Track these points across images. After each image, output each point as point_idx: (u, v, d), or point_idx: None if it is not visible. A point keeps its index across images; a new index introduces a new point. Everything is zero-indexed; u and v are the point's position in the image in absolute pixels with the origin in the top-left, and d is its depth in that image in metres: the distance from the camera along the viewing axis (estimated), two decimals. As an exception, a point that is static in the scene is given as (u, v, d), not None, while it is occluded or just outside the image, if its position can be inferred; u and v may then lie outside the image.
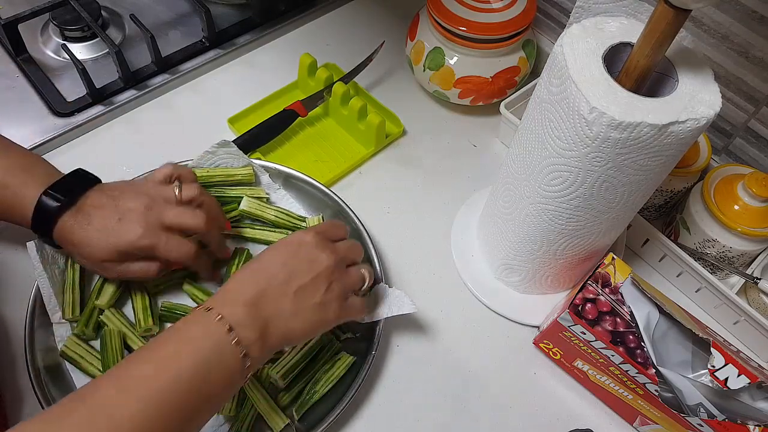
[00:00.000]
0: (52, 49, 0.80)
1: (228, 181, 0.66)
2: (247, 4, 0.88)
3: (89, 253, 0.53)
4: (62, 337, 0.57)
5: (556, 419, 0.59)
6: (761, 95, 0.64)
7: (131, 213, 0.53)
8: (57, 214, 0.52)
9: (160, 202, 0.54)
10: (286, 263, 0.49)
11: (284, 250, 0.50)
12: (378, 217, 0.69)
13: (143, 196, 0.54)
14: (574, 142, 0.46)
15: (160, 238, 0.53)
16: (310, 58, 0.77)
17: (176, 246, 0.54)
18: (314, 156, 0.75)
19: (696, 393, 0.50)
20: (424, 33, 0.76)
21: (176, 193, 0.55)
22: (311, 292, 0.49)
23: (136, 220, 0.53)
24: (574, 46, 0.47)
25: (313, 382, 0.57)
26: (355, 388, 0.55)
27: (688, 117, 0.43)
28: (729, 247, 0.62)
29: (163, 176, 0.57)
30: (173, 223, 0.54)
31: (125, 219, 0.53)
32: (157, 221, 0.53)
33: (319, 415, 0.54)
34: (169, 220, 0.54)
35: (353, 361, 0.58)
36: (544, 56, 0.82)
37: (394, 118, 0.78)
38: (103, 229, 0.52)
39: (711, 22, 0.64)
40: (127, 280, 0.58)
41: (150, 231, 0.53)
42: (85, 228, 0.52)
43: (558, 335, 0.56)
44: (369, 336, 0.59)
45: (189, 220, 0.54)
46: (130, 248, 0.53)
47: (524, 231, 0.58)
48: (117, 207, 0.53)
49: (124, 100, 0.76)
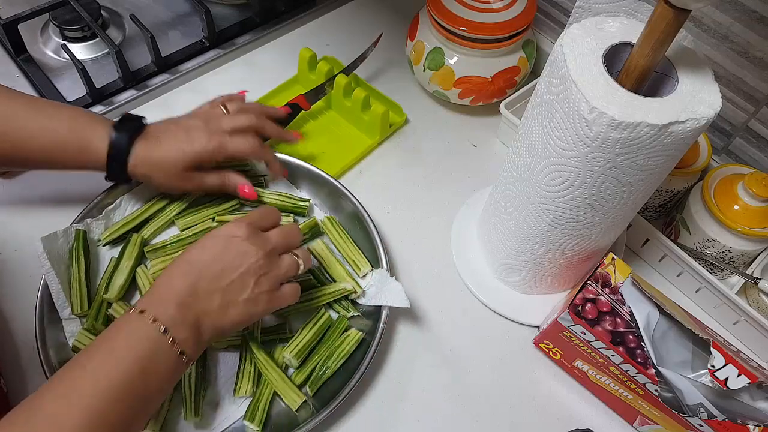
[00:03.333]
0: (52, 49, 0.80)
1: None
2: (247, 4, 0.88)
3: (168, 168, 0.59)
4: (72, 332, 0.57)
5: (556, 419, 0.59)
6: (761, 95, 0.64)
7: (194, 128, 0.60)
8: (130, 143, 0.58)
9: (215, 116, 0.63)
10: (216, 258, 0.49)
11: (215, 244, 0.50)
12: (378, 217, 0.69)
13: (199, 116, 0.63)
14: (574, 142, 0.46)
15: (225, 138, 0.61)
16: (309, 51, 0.77)
17: (242, 141, 0.62)
18: (320, 148, 0.75)
19: (696, 393, 0.50)
20: (424, 33, 0.76)
21: (224, 111, 0.64)
22: (240, 287, 0.49)
23: (201, 130, 0.60)
24: (574, 46, 0.47)
25: (325, 358, 0.58)
26: (365, 363, 0.56)
27: (688, 117, 0.43)
28: (729, 247, 0.62)
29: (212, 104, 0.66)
30: (231, 126, 0.62)
31: (191, 133, 0.60)
32: (217, 128, 0.61)
33: (331, 391, 0.55)
34: (227, 125, 0.62)
35: (362, 337, 0.59)
36: (544, 56, 0.82)
37: (397, 107, 0.78)
38: (175, 143, 0.59)
39: (711, 22, 0.64)
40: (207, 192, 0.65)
41: (215, 136, 0.60)
42: (159, 148, 0.59)
43: (558, 335, 0.57)
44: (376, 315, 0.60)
45: (243, 121, 0.63)
46: (203, 152, 0.60)
47: (524, 231, 0.58)
48: (180, 126, 0.61)
49: (124, 100, 0.76)
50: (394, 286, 0.59)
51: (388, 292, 0.59)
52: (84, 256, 0.60)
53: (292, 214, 0.67)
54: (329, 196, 0.68)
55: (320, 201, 0.69)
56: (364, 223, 0.65)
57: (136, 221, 0.64)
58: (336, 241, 0.65)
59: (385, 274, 0.61)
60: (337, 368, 0.57)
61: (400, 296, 0.58)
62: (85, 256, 0.60)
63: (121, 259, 0.61)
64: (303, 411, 0.56)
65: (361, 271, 0.63)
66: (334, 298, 0.61)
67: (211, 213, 0.65)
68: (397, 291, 0.58)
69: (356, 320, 0.62)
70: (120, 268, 0.60)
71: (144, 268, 0.61)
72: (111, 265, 0.61)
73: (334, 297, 0.61)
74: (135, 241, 0.62)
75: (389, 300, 0.58)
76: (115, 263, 0.61)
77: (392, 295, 0.58)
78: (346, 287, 0.61)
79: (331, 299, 0.61)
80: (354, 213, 0.66)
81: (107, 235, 0.63)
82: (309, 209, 0.68)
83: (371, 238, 0.64)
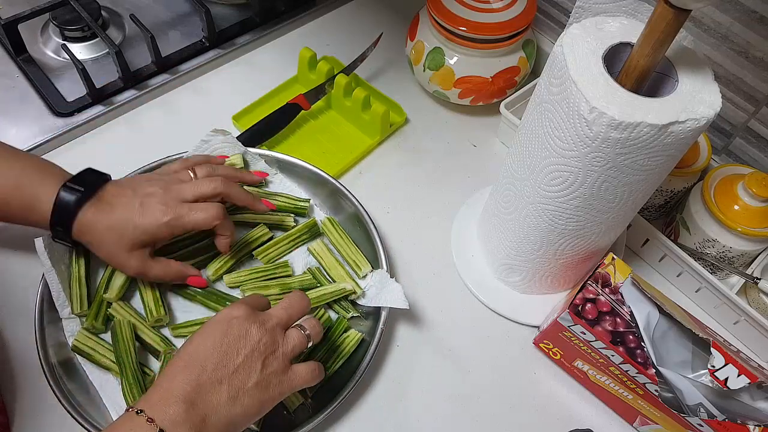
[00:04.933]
0: (52, 49, 0.80)
1: None
2: (247, 4, 0.88)
3: (113, 241, 0.54)
4: (72, 331, 0.57)
5: (556, 419, 0.59)
6: (761, 95, 0.64)
7: (150, 197, 0.55)
8: (78, 206, 0.53)
9: (176, 182, 0.57)
10: (216, 345, 0.45)
11: (213, 330, 0.46)
12: (378, 217, 0.69)
13: (159, 182, 0.57)
14: (574, 142, 0.46)
15: (183, 209, 0.55)
16: (310, 51, 0.77)
17: (202, 214, 0.55)
18: (320, 148, 0.75)
19: (696, 393, 0.50)
20: (424, 33, 0.76)
21: (191, 176, 0.58)
22: (247, 372, 0.45)
23: (158, 201, 0.54)
24: (574, 46, 0.47)
25: (325, 359, 0.57)
26: (365, 364, 0.56)
27: (688, 117, 0.43)
28: (729, 247, 0.62)
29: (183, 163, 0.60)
30: (193, 195, 0.56)
31: (146, 202, 0.54)
32: (177, 198, 0.55)
33: (331, 392, 0.55)
34: (189, 193, 0.56)
35: (362, 338, 0.59)
36: (544, 56, 0.82)
37: (397, 107, 0.78)
38: (126, 213, 0.53)
39: (711, 22, 0.64)
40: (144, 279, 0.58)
41: (171, 207, 0.54)
42: (107, 216, 0.53)
43: (558, 335, 0.57)
44: (376, 315, 0.60)
45: (207, 189, 0.57)
46: (154, 228, 0.54)
47: (524, 231, 0.58)
48: (136, 193, 0.55)
49: (124, 100, 0.76)
50: (393, 288, 0.59)
51: (388, 293, 0.59)
52: (84, 255, 0.60)
53: (292, 214, 0.67)
54: (329, 196, 0.68)
55: (320, 201, 0.69)
56: (364, 223, 0.65)
57: (136, 221, 0.64)
58: (336, 242, 0.65)
59: (385, 275, 0.61)
60: (337, 369, 0.58)
61: (400, 297, 0.58)
62: (86, 255, 0.60)
63: (120, 259, 0.61)
64: (301, 412, 0.56)
65: (361, 272, 0.63)
66: (334, 298, 0.61)
67: None
68: (397, 292, 0.58)
69: (356, 321, 0.62)
70: (119, 268, 0.60)
71: None
72: (110, 265, 0.61)
73: (333, 297, 0.61)
74: (135, 241, 0.62)
75: (389, 301, 0.58)
76: (114, 263, 0.61)
77: (392, 297, 0.58)
78: (346, 288, 0.61)
79: (330, 300, 0.61)
80: (354, 213, 0.66)
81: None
82: (309, 209, 0.68)
83: (371, 238, 0.64)
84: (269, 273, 0.63)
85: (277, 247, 0.64)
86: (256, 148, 0.69)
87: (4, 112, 0.73)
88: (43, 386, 0.53)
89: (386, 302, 0.59)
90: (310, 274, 0.63)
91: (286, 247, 0.65)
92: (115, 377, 0.56)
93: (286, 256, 0.66)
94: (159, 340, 0.57)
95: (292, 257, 0.66)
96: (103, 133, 0.75)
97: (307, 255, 0.66)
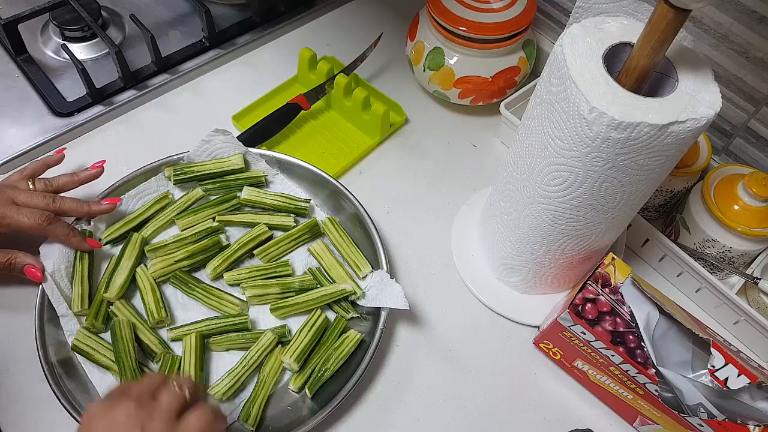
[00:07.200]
0: (52, 49, 0.80)
1: (221, 171, 0.67)
2: (247, 4, 0.88)
3: None
4: (71, 330, 0.57)
5: (556, 419, 0.59)
6: (761, 95, 0.64)
7: None
8: None
9: (12, 189, 0.59)
10: None
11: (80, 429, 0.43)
12: (378, 217, 0.69)
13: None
14: (574, 142, 0.46)
15: (12, 209, 0.57)
16: (310, 51, 0.77)
17: (26, 214, 0.57)
18: (320, 148, 0.75)
19: (696, 393, 0.50)
20: (424, 33, 0.76)
21: (30, 186, 0.61)
22: None
23: None
24: (574, 46, 0.47)
25: (324, 360, 0.57)
26: (365, 364, 0.56)
27: (688, 117, 0.43)
28: (729, 247, 0.62)
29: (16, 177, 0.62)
30: (23, 202, 0.58)
31: None
32: (9, 199, 0.58)
33: (330, 393, 0.55)
34: (20, 200, 0.58)
35: (361, 338, 0.59)
36: (544, 56, 0.82)
37: (397, 107, 0.78)
38: None
39: (711, 22, 0.64)
40: None
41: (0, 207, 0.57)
42: None
43: (558, 335, 0.56)
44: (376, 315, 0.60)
45: (39, 201, 0.59)
46: None
47: (524, 231, 0.58)
48: None
49: (124, 100, 0.76)
50: (393, 288, 0.59)
51: (388, 293, 0.59)
52: (88, 254, 0.60)
53: (293, 215, 0.67)
54: (330, 196, 0.68)
55: (321, 201, 0.69)
56: (364, 223, 0.65)
57: (137, 221, 0.64)
58: (337, 242, 0.65)
59: (385, 276, 0.61)
60: (337, 369, 0.57)
61: (400, 298, 0.58)
62: (89, 254, 0.61)
63: (121, 259, 0.61)
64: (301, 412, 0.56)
65: (361, 273, 0.63)
66: (334, 299, 0.61)
67: (211, 213, 0.65)
68: (397, 293, 0.58)
69: (356, 321, 0.62)
70: (120, 267, 0.61)
71: (144, 267, 0.61)
72: (111, 264, 0.61)
73: (333, 298, 0.61)
74: (135, 240, 0.62)
75: (389, 302, 0.58)
76: (115, 262, 0.61)
77: (392, 297, 0.58)
78: (345, 289, 0.61)
79: (330, 300, 0.61)
80: (354, 213, 0.66)
81: (108, 235, 0.63)
82: (310, 210, 0.68)
83: (371, 238, 0.64)
84: (269, 271, 0.63)
85: (278, 247, 0.65)
86: (256, 148, 0.69)
87: (4, 112, 0.73)
88: (42, 385, 0.53)
89: (386, 303, 0.59)
90: (310, 275, 0.63)
91: (286, 247, 0.65)
92: (114, 376, 0.56)
93: (287, 256, 0.66)
94: (157, 342, 0.57)
95: (292, 257, 0.66)
96: (103, 133, 0.75)
97: (308, 255, 0.66)
